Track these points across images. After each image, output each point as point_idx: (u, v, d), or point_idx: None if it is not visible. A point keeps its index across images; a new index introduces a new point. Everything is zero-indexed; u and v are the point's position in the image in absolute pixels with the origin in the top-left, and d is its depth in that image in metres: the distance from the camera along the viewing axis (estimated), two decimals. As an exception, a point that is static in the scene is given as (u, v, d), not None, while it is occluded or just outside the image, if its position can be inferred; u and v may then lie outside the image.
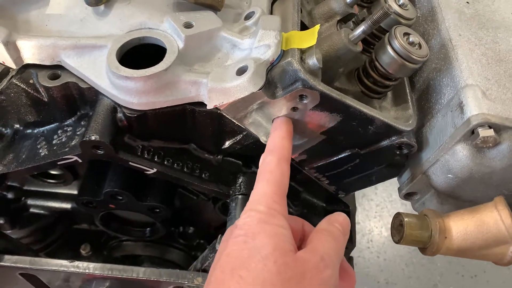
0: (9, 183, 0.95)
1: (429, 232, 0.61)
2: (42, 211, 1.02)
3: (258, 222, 0.50)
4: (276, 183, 0.55)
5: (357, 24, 0.76)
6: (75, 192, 0.98)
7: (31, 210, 1.02)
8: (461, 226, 0.60)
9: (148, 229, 0.98)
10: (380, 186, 2.40)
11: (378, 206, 2.37)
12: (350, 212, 0.91)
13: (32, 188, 0.98)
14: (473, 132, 0.60)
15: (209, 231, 1.03)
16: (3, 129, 0.76)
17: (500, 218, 0.58)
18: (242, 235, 0.50)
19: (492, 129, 0.58)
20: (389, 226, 2.31)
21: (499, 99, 0.62)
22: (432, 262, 2.15)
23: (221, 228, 1.00)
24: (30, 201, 1.01)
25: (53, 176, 0.93)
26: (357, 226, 2.33)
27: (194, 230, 1.03)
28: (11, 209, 0.99)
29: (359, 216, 2.32)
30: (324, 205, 0.90)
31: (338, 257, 0.52)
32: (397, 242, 0.63)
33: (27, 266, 0.71)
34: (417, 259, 2.16)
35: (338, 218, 0.58)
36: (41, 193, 0.99)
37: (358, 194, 2.42)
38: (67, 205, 1.01)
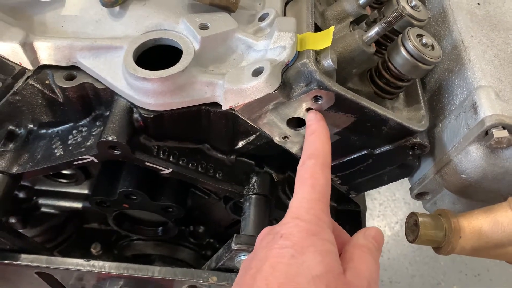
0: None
1: (443, 232, 0.62)
2: (53, 210, 1.03)
3: (306, 235, 0.46)
4: (322, 190, 0.51)
5: (369, 25, 0.76)
6: (86, 191, 0.99)
7: (42, 209, 1.03)
8: (476, 226, 0.60)
9: (160, 228, 0.98)
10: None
11: (381, 205, 2.37)
12: (361, 212, 0.92)
13: (43, 188, 0.99)
14: (487, 133, 0.60)
15: (219, 230, 1.03)
16: (17, 129, 0.76)
17: (514, 217, 0.58)
18: (288, 247, 0.46)
19: (506, 130, 0.59)
20: (393, 225, 2.28)
21: (512, 100, 0.62)
22: (435, 260, 2.14)
23: (231, 227, 1.01)
24: (41, 201, 1.02)
25: (64, 176, 0.93)
26: (360, 225, 2.32)
27: (204, 229, 1.03)
28: (22, 208, 1.00)
29: (362, 215, 2.32)
30: (335, 204, 0.91)
31: (378, 279, 0.50)
32: (411, 242, 0.63)
33: (43, 265, 0.72)
34: (420, 258, 2.16)
35: (374, 233, 0.55)
36: (52, 193, 1.00)
37: (362, 193, 2.42)
38: (78, 205, 1.02)
